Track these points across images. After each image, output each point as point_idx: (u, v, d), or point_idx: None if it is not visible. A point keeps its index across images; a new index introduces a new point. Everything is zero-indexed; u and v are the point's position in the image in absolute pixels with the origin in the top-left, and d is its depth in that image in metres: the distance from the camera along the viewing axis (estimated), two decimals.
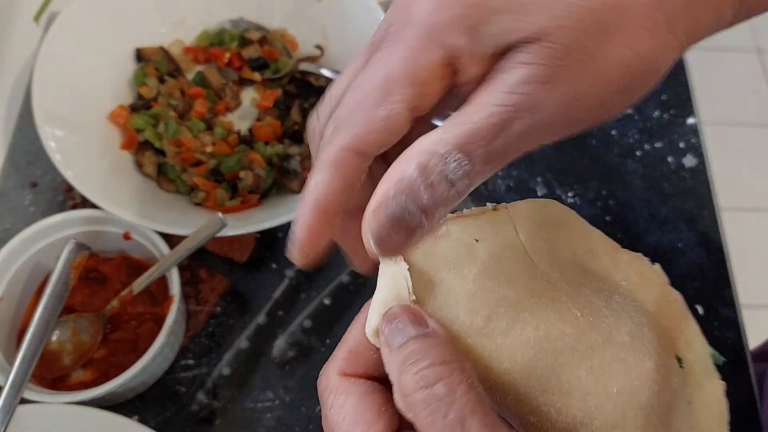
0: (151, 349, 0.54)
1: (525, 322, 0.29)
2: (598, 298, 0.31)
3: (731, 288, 0.68)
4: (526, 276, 0.30)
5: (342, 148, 0.26)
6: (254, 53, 0.72)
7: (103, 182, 0.61)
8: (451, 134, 0.25)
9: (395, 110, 0.26)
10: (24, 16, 0.79)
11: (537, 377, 0.29)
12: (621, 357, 0.30)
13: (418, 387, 0.25)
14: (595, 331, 0.30)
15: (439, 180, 0.25)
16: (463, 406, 0.25)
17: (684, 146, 0.76)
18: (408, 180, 0.25)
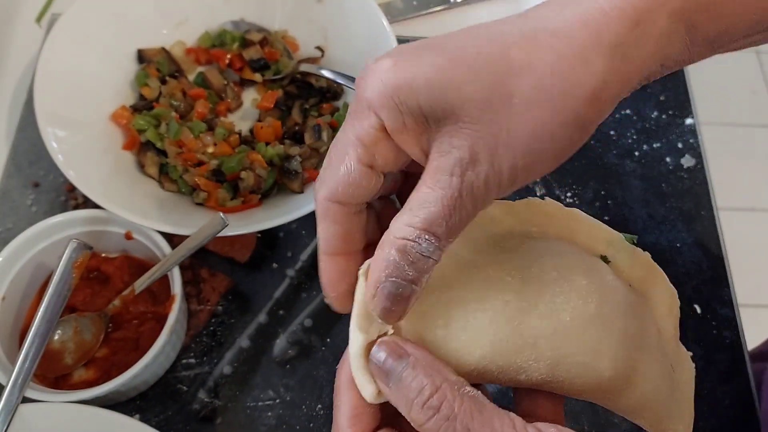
0: (153, 349, 0.55)
1: (474, 311, 0.34)
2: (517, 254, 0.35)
3: (729, 287, 0.69)
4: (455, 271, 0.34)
5: (323, 199, 0.33)
6: (255, 54, 0.72)
7: (105, 182, 0.62)
8: (416, 220, 0.30)
9: (350, 165, 0.32)
10: (26, 18, 0.80)
11: (507, 347, 0.33)
12: (557, 290, 0.34)
13: (427, 418, 0.31)
14: (528, 284, 0.34)
15: (417, 257, 0.30)
16: (464, 417, 0.30)
17: (682, 146, 0.76)
18: (393, 263, 0.31)
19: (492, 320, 0.34)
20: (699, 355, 0.65)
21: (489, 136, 0.29)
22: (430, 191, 0.30)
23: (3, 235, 0.66)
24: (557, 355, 0.34)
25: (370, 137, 0.31)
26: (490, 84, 0.29)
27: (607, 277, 0.37)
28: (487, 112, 0.29)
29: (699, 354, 0.65)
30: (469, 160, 0.29)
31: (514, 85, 0.28)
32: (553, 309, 0.34)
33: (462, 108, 0.29)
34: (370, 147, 0.32)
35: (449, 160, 0.30)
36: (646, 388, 0.36)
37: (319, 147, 0.67)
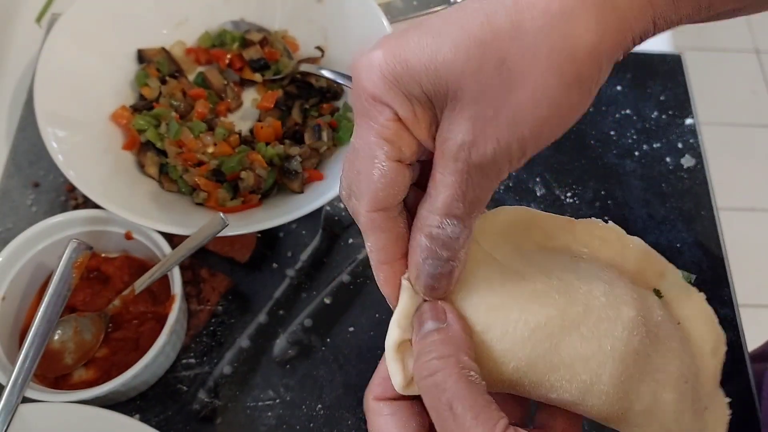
0: (153, 348, 0.55)
1: (515, 321, 0.33)
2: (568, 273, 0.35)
3: (729, 287, 0.69)
4: (501, 279, 0.35)
5: (367, 212, 0.33)
6: (255, 54, 0.72)
7: (105, 182, 0.62)
8: (434, 207, 0.31)
9: (383, 167, 0.31)
10: (26, 18, 0.80)
11: (542, 363, 0.33)
12: (603, 317, 0.34)
13: (423, 375, 0.32)
14: (575, 304, 0.34)
15: (447, 240, 0.32)
16: (452, 393, 0.31)
17: (682, 146, 0.76)
18: (426, 248, 0.32)
19: (532, 334, 0.33)
20: None
21: (490, 113, 0.28)
22: (441, 176, 0.30)
23: (3, 235, 0.66)
24: (591, 380, 0.34)
25: (390, 131, 0.31)
26: (479, 55, 0.28)
27: (656, 312, 0.36)
28: (483, 86, 0.28)
29: None
30: (471, 141, 0.29)
31: (504, 50, 0.28)
32: (595, 334, 0.34)
33: (458, 87, 0.29)
34: (395, 141, 0.31)
35: (452, 145, 0.30)
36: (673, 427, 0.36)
37: (319, 147, 0.67)
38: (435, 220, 0.31)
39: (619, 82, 0.80)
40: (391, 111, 0.31)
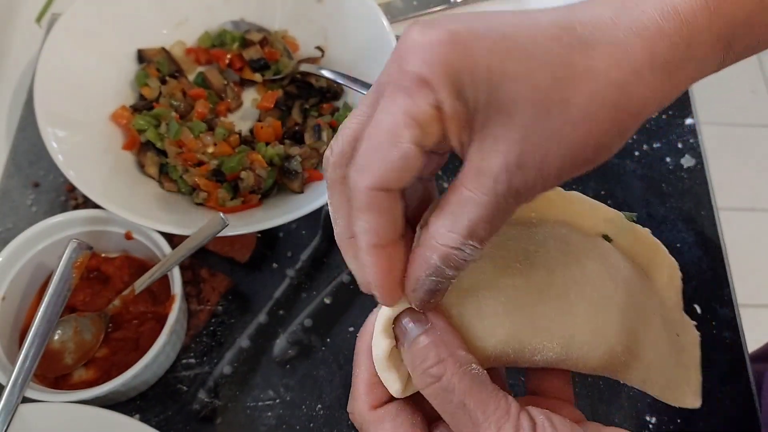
0: (153, 348, 0.55)
1: (486, 298, 0.34)
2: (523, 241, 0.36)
3: (729, 287, 0.69)
4: None
5: (368, 189, 0.30)
6: (255, 54, 0.72)
7: (105, 182, 0.62)
8: (459, 227, 0.30)
9: (406, 149, 0.29)
10: (26, 18, 0.80)
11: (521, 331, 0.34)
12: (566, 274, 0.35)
13: (426, 384, 0.32)
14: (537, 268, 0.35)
15: (460, 262, 0.31)
16: (460, 392, 0.31)
17: (682, 146, 0.76)
18: (435, 267, 0.31)
19: (505, 307, 0.34)
20: None
21: (541, 141, 0.28)
22: (472, 195, 0.29)
23: (3, 235, 0.66)
24: (569, 335, 0.35)
25: (427, 116, 0.29)
26: (548, 86, 0.28)
27: (612, 256, 0.38)
28: (541, 116, 0.28)
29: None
30: (516, 164, 0.28)
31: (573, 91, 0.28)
32: (563, 292, 0.35)
33: (515, 106, 0.28)
34: (427, 127, 0.29)
35: (495, 164, 0.28)
36: (653, 359, 0.38)
37: (319, 147, 0.67)
38: (455, 240, 0.30)
39: None
40: (435, 98, 0.29)
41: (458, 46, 0.28)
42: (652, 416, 0.62)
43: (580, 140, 0.28)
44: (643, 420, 0.62)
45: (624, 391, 0.63)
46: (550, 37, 0.28)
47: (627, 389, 0.63)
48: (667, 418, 0.62)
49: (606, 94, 0.28)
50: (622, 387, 0.63)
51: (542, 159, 0.28)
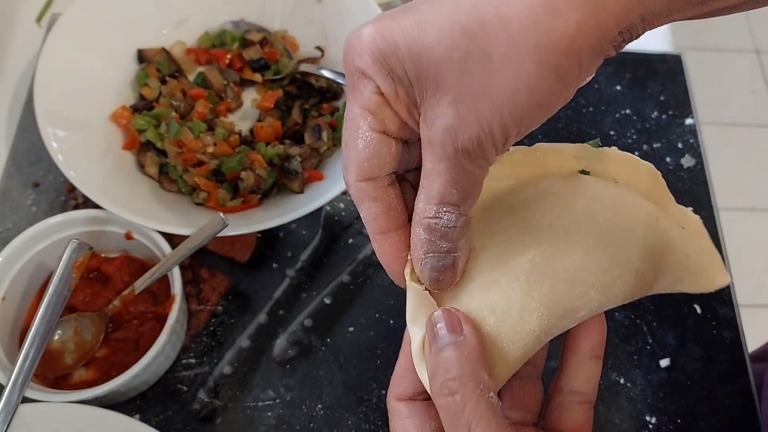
0: (153, 349, 0.55)
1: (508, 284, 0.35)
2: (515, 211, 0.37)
3: (729, 287, 0.69)
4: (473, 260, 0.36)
5: (354, 182, 0.33)
6: (255, 54, 0.72)
7: (105, 182, 0.62)
8: (429, 197, 0.32)
9: (366, 137, 0.32)
10: (26, 18, 0.80)
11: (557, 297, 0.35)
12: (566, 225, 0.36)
13: (441, 394, 0.32)
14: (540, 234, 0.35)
15: (444, 230, 0.32)
16: (471, 415, 0.31)
17: (682, 146, 0.76)
18: (426, 241, 0.33)
19: (529, 284, 0.34)
20: (699, 355, 0.65)
21: (471, 99, 0.29)
22: (430, 164, 0.31)
23: (3, 235, 0.66)
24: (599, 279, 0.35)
25: (373, 103, 0.32)
26: (464, 44, 0.29)
27: (595, 186, 0.38)
28: (464, 73, 0.29)
29: (699, 354, 0.65)
30: (456, 126, 0.30)
31: (489, 43, 0.28)
32: (573, 241, 0.35)
33: (439, 72, 0.29)
34: (377, 113, 0.32)
35: (437, 130, 0.30)
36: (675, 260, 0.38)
37: (319, 147, 0.67)
38: (431, 210, 0.32)
39: (618, 81, 0.80)
40: (374, 84, 0.32)
41: (380, 34, 0.30)
42: (652, 416, 0.62)
43: (509, 87, 0.29)
44: (643, 420, 0.62)
45: (624, 391, 0.63)
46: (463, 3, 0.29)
47: (627, 389, 0.63)
48: (667, 418, 0.62)
49: (522, 37, 0.28)
50: (623, 387, 0.63)
51: (478, 114, 0.29)
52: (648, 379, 0.64)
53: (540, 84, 0.29)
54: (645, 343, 0.65)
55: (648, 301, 0.67)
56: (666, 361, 0.64)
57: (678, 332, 0.66)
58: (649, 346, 0.65)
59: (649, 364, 0.64)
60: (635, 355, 0.65)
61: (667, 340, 0.66)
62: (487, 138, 0.30)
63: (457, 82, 0.29)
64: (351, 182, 0.33)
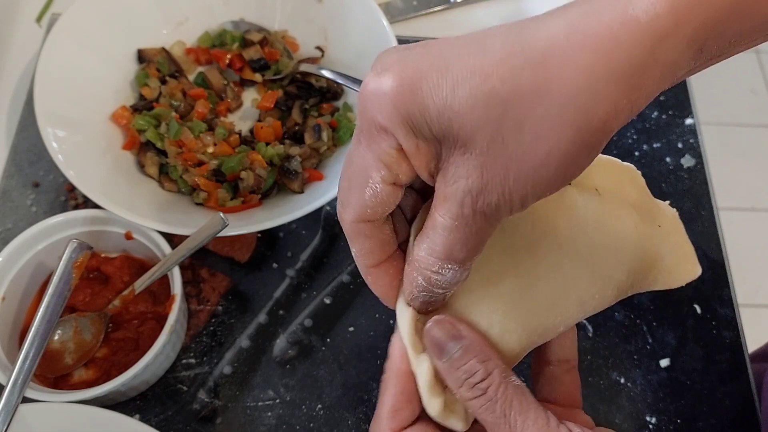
0: (153, 349, 0.54)
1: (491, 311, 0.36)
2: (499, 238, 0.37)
3: (729, 287, 0.69)
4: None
5: (351, 222, 0.34)
6: (255, 54, 0.72)
7: (104, 182, 0.62)
8: (436, 250, 0.32)
9: (376, 188, 0.32)
10: (26, 18, 0.80)
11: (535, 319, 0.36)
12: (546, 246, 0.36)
13: (474, 396, 0.34)
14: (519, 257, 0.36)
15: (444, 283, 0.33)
16: (504, 403, 0.33)
17: (682, 146, 0.76)
18: (422, 286, 0.34)
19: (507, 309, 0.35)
20: (699, 355, 0.65)
21: (498, 166, 0.29)
22: (442, 220, 0.31)
23: (3, 235, 0.66)
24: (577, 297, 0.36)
25: (391, 158, 0.32)
26: (499, 115, 0.28)
27: (578, 201, 0.38)
28: (496, 141, 0.28)
29: (699, 354, 0.65)
30: (478, 189, 0.29)
31: (525, 115, 0.28)
32: (552, 265, 0.36)
33: (470, 137, 0.29)
34: (393, 167, 0.32)
35: (458, 190, 0.30)
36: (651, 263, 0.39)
37: (319, 147, 0.67)
38: (435, 264, 0.32)
39: None
40: (395, 141, 0.31)
41: (406, 90, 0.29)
42: (652, 416, 0.62)
43: (538, 162, 0.28)
44: (643, 420, 0.62)
45: (624, 391, 0.63)
46: (499, 60, 0.28)
47: (627, 389, 0.63)
48: (666, 418, 0.62)
49: (560, 114, 0.27)
50: (623, 387, 0.63)
51: (502, 182, 0.29)
52: (648, 379, 0.64)
53: (569, 160, 0.29)
54: (645, 343, 0.65)
55: (648, 301, 0.67)
56: (666, 361, 0.64)
57: (678, 332, 0.66)
58: (649, 346, 0.65)
59: (649, 364, 0.64)
60: (635, 355, 0.65)
61: (667, 340, 0.66)
62: (506, 205, 0.30)
63: (487, 150, 0.29)
64: (347, 221, 0.34)
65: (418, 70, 0.29)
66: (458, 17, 0.83)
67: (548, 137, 0.28)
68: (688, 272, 0.41)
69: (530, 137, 0.28)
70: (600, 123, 0.28)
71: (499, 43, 0.29)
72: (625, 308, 0.67)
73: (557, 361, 0.40)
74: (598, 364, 0.64)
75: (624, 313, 0.67)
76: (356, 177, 0.33)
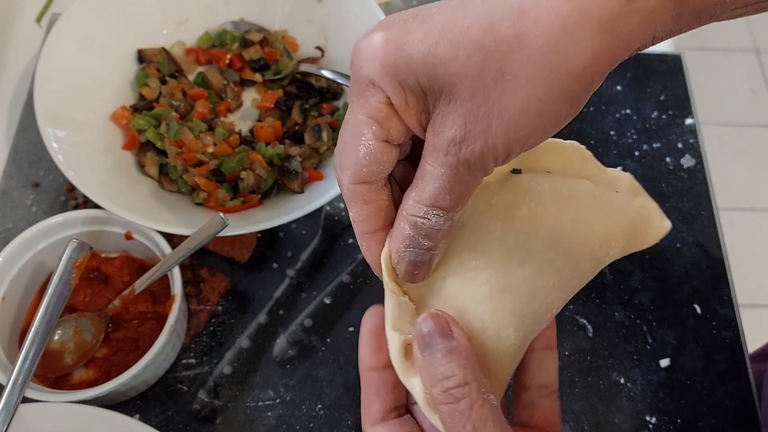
0: (153, 349, 0.55)
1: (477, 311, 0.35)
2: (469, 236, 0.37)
3: (729, 287, 0.69)
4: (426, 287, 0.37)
5: (349, 184, 0.34)
6: (255, 54, 0.72)
7: (105, 182, 0.62)
8: (423, 197, 0.32)
9: (369, 145, 0.33)
10: (26, 18, 0.80)
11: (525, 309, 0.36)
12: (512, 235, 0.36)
13: (445, 402, 0.33)
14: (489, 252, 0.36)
15: (429, 230, 0.33)
16: (477, 420, 0.32)
17: (682, 146, 0.76)
18: (409, 237, 0.33)
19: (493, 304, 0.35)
20: (699, 355, 0.65)
21: (481, 113, 0.30)
22: (431, 168, 0.32)
23: (3, 235, 0.66)
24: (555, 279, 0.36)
25: (381, 113, 0.32)
26: (480, 61, 0.29)
27: (531, 185, 0.38)
28: (478, 89, 0.29)
29: (699, 354, 0.65)
30: (462, 137, 0.30)
31: (505, 61, 0.29)
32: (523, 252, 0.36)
33: (454, 86, 0.30)
34: (383, 123, 0.32)
35: (444, 139, 0.31)
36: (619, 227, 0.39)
37: (319, 147, 0.67)
38: (421, 210, 0.32)
39: (619, 81, 0.80)
40: (384, 95, 0.32)
41: (392, 44, 0.31)
42: (652, 416, 0.62)
43: (519, 107, 0.29)
44: (642, 420, 0.62)
45: (624, 391, 0.63)
46: (479, 15, 0.29)
47: (627, 389, 0.63)
48: (667, 419, 0.62)
49: (538, 59, 0.28)
50: (623, 387, 0.63)
51: (485, 130, 0.30)
52: (648, 379, 0.64)
53: (549, 107, 0.29)
54: (645, 343, 0.65)
55: (648, 301, 0.67)
56: (666, 361, 0.64)
57: (678, 332, 0.66)
58: (649, 346, 0.65)
59: (649, 364, 0.64)
60: (635, 355, 0.65)
61: (667, 340, 0.66)
62: (489, 153, 0.30)
63: (470, 98, 0.30)
64: (345, 183, 0.34)
65: (404, 25, 0.31)
66: None
67: (527, 83, 0.29)
68: (658, 228, 0.41)
69: (510, 84, 0.29)
70: (579, 69, 0.28)
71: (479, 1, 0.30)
72: (625, 308, 0.67)
73: (536, 386, 0.40)
74: (598, 364, 0.64)
75: (624, 313, 0.67)
76: (350, 136, 0.33)
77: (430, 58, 0.30)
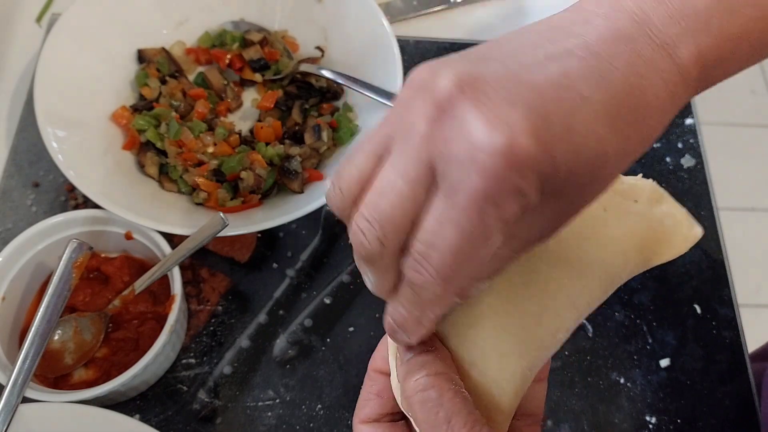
0: (153, 349, 0.55)
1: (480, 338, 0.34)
2: None
3: (729, 287, 0.69)
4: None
5: (452, 294, 0.31)
6: (255, 54, 0.72)
7: (104, 182, 0.62)
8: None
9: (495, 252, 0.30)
10: (26, 17, 0.80)
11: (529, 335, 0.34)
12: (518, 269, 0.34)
13: (416, 391, 0.32)
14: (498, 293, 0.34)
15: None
16: (449, 408, 0.31)
17: (682, 146, 0.76)
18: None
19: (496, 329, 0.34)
20: (699, 355, 0.65)
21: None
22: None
23: (3, 235, 0.66)
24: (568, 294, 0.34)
25: (515, 217, 0.28)
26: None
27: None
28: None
29: (699, 354, 0.65)
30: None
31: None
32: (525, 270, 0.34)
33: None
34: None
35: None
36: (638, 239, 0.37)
37: (319, 147, 0.67)
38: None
39: None
40: (526, 201, 0.27)
41: (541, 148, 0.26)
42: (652, 416, 0.62)
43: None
44: (642, 420, 0.62)
45: (624, 391, 0.63)
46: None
47: (627, 389, 0.63)
48: (667, 419, 0.62)
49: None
50: (623, 387, 0.63)
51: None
52: (648, 379, 0.64)
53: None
54: (645, 343, 0.65)
55: (648, 301, 0.67)
56: (666, 361, 0.64)
57: (678, 332, 0.66)
58: (649, 346, 0.65)
59: (649, 364, 0.64)
60: (635, 355, 0.65)
61: (667, 340, 0.66)
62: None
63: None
64: (441, 292, 0.30)
65: (540, 113, 0.27)
66: (458, 17, 0.83)
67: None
68: (686, 237, 0.38)
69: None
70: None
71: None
72: (625, 308, 0.67)
73: (521, 414, 0.38)
74: (598, 364, 0.64)
75: (624, 313, 0.67)
76: (468, 248, 0.28)
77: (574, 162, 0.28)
